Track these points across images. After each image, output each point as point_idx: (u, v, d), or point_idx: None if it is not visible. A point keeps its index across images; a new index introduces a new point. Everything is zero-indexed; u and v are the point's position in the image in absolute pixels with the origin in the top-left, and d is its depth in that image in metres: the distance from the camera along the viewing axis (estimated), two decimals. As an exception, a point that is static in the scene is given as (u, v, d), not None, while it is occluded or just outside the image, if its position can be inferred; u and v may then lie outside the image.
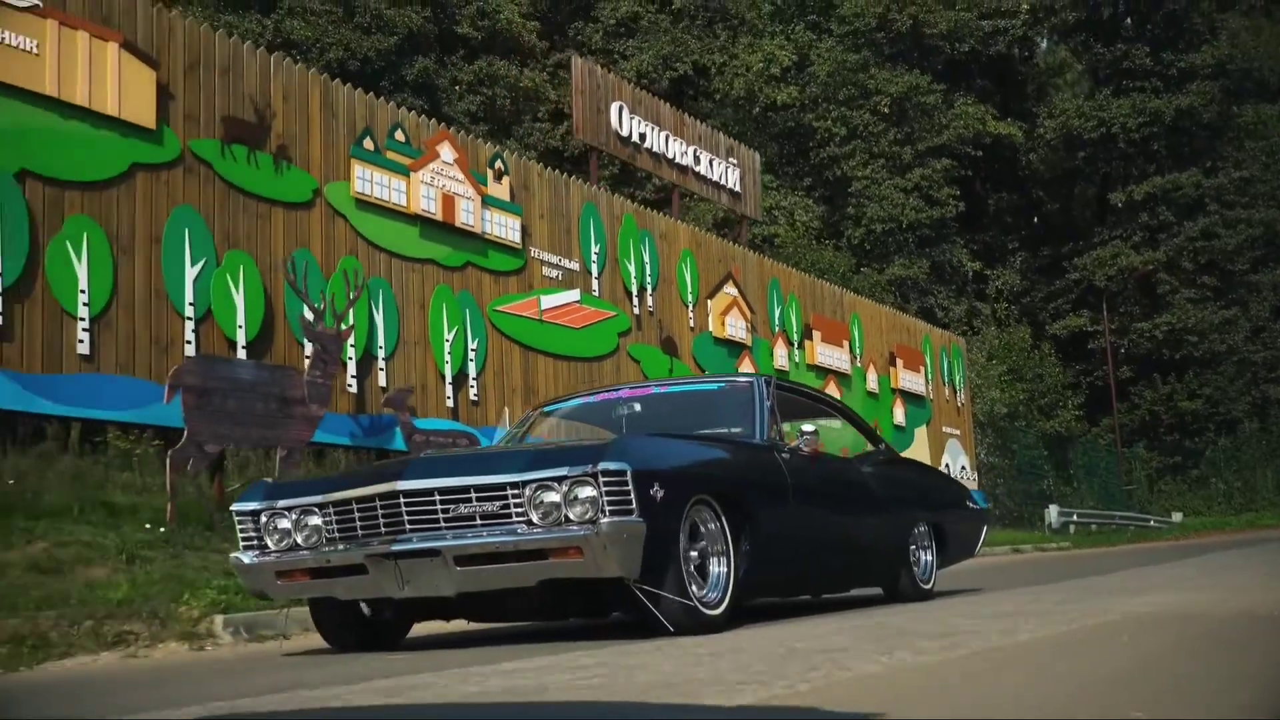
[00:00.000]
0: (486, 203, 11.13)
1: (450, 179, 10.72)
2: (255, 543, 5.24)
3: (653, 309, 13.46)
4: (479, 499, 4.71)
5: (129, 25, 8.30)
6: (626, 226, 13.24)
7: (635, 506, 4.55)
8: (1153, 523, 30.66)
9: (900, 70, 33.16)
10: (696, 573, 5.05)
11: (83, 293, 7.79)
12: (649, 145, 14.13)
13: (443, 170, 10.65)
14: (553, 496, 4.62)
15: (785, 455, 5.96)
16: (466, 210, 10.87)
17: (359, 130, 10.00)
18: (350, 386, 9.58)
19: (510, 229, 11.44)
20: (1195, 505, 34.94)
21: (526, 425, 7.05)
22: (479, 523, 4.71)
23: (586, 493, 4.58)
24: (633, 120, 13.81)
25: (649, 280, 13.44)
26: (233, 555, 5.37)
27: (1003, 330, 32.53)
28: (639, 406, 6.60)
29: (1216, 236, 37.00)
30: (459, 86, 30.15)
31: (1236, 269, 37.46)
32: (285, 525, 5.17)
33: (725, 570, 5.17)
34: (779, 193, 31.42)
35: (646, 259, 13.44)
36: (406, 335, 10.22)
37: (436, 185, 10.57)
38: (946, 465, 20.30)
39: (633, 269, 13.20)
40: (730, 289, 14.87)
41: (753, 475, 5.69)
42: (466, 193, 10.89)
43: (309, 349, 9.10)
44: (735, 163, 15.96)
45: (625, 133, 13.69)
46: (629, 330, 13.00)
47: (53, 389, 7.55)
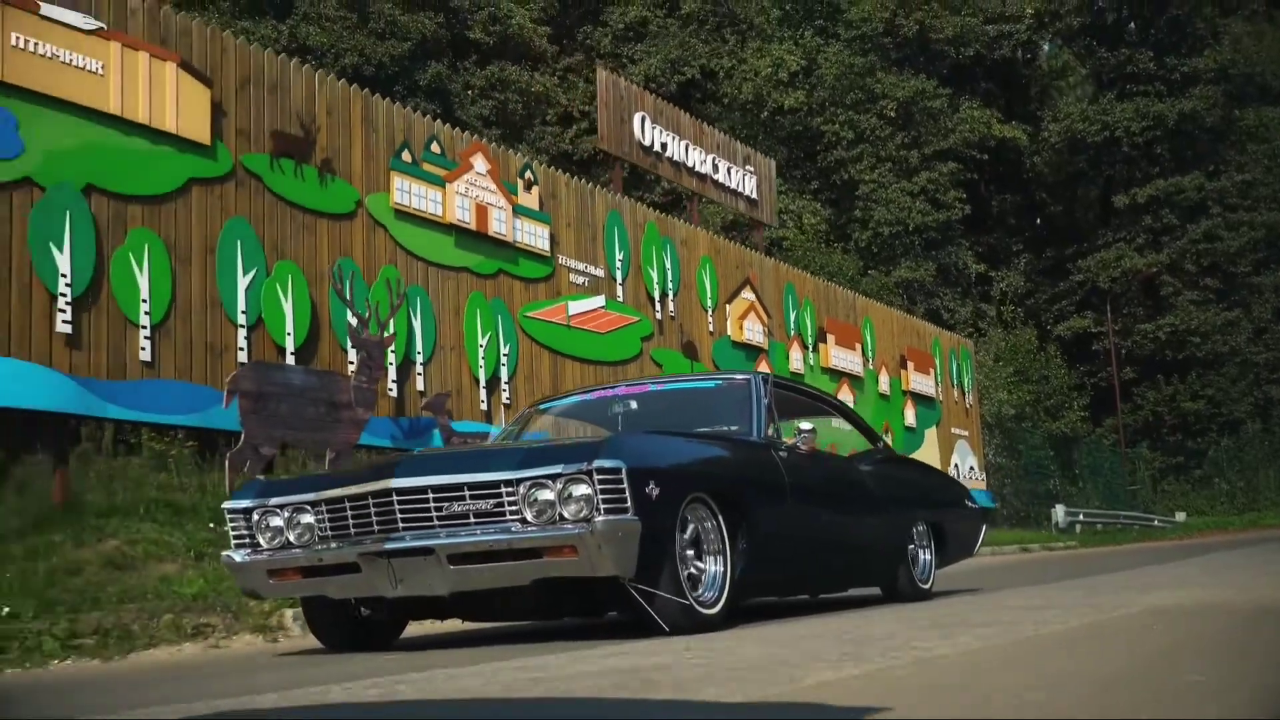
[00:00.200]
0: (517, 212, 11.49)
1: (483, 189, 11.08)
2: (247, 541, 5.20)
3: (674, 314, 13.83)
4: (472, 497, 4.67)
5: (185, 46, 8.67)
6: (649, 234, 13.61)
7: (630, 505, 4.51)
8: (1156, 522, 31.05)
9: (907, 75, 33.53)
10: (692, 572, 5.01)
11: (144, 302, 8.15)
12: (670, 154, 14.50)
13: (476, 181, 11.01)
14: (547, 494, 4.58)
15: (783, 453, 5.92)
16: (498, 219, 11.24)
17: (397, 143, 10.36)
18: (391, 391, 9.95)
19: (539, 237, 11.80)
20: (1198, 505, 35.32)
21: (523, 423, 7.03)
22: (473, 521, 4.66)
23: (581, 491, 4.53)
24: (654, 130, 14.17)
25: (670, 286, 13.81)
26: (224, 554, 5.33)
27: (1009, 332, 32.93)
28: (635, 404, 6.55)
29: (1219, 239, 37.38)
30: (471, 91, 30.51)
31: (1239, 271, 37.85)
32: (277, 523, 5.13)
33: (721, 569, 5.13)
34: (787, 196, 31.77)
35: (668, 265, 13.81)
36: (443, 341, 10.58)
37: (470, 196, 10.93)
38: (955, 466, 20.67)
39: (655, 275, 13.57)
40: (748, 294, 15.23)
41: (750, 473, 5.64)
42: (498, 202, 11.26)
43: (353, 355, 9.49)
44: (752, 170, 16.33)
45: (647, 142, 14.05)
46: (651, 335, 13.36)
47: (117, 394, 7.91)
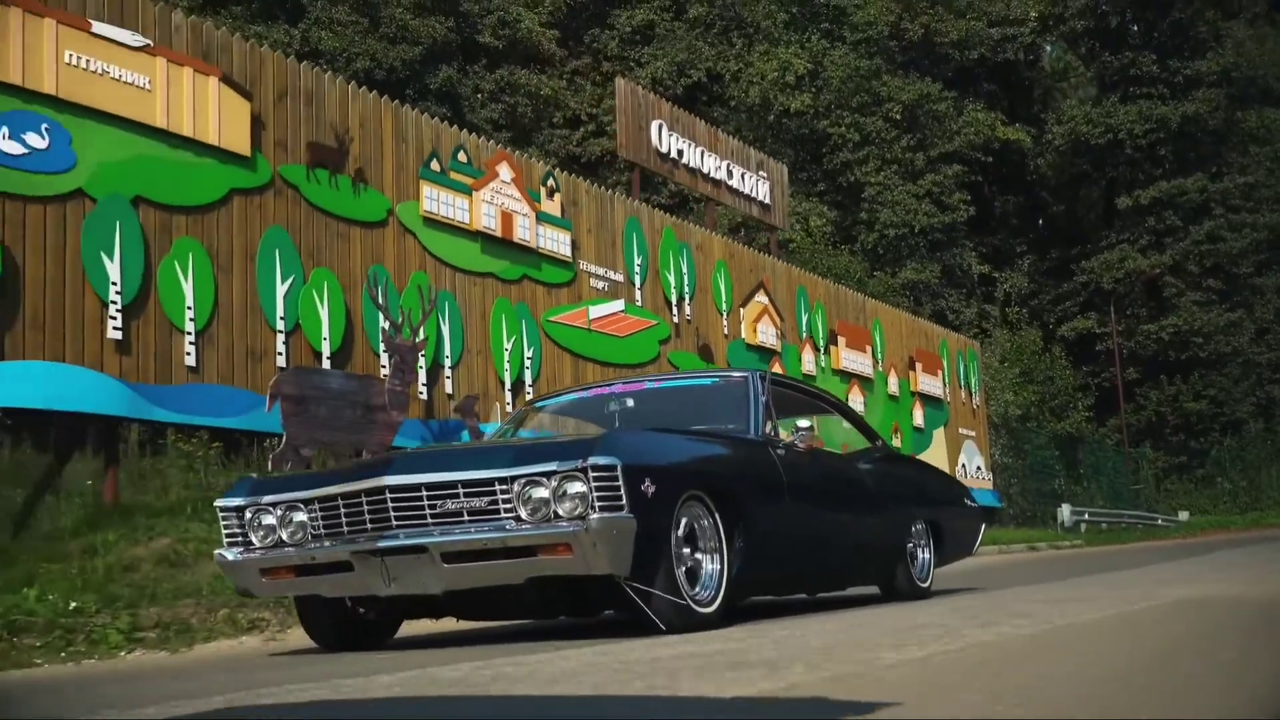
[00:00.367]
0: (540, 219, 11.78)
1: (508, 197, 11.37)
2: (239, 539, 5.15)
3: (690, 317, 14.11)
4: (466, 494, 4.63)
5: (226, 60, 8.96)
6: (666, 239, 13.89)
7: (626, 502, 4.46)
8: (1160, 521, 31.32)
9: (912, 78, 33.80)
10: (689, 570, 4.97)
11: (189, 309, 8.44)
12: (685, 160, 14.79)
13: (501, 189, 11.30)
14: (542, 492, 4.53)
15: (780, 451, 5.88)
16: (523, 226, 11.52)
17: (426, 153, 10.65)
18: (421, 394, 10.23)
19: (561, 243, 12.09)
20: (1201, 504, 35.59)
21: (518, 420, 6.99)
22: (466, 519, 4.61)
23: (576, 488, 4.49)
24: (671, 137, 14.47)
25: (687, 290, 14.10)
26: (216, 552, 5.29)
27: (1015, 333, 33.21)
28: (632, 402, 6.51)
29: (1222, 240, 37.65)
30: (481, 94, 30.81)
31: (1241, 272, 38.12)
32: (270, 521, 5.08)
33: (718, 568, 5.09)
34: (794, 199, 32.05)
35: (684, 269, 14.10)
36: (470, 345, 10.87)
37: (496, 203, 11.22)
38: (963, 466, 20.96)
39: (672, 279, 13.85)
40: (761, 297, 15.52)
41: (747, 471, 5.60)
42: (522, 209, 11.54)
43: (384, 359, 9.78)
44: (765, 175, 16.62)
45: (664, 149, 14.34)
46: (669, 338, 13.65)
47: (164, 397, 8.20)
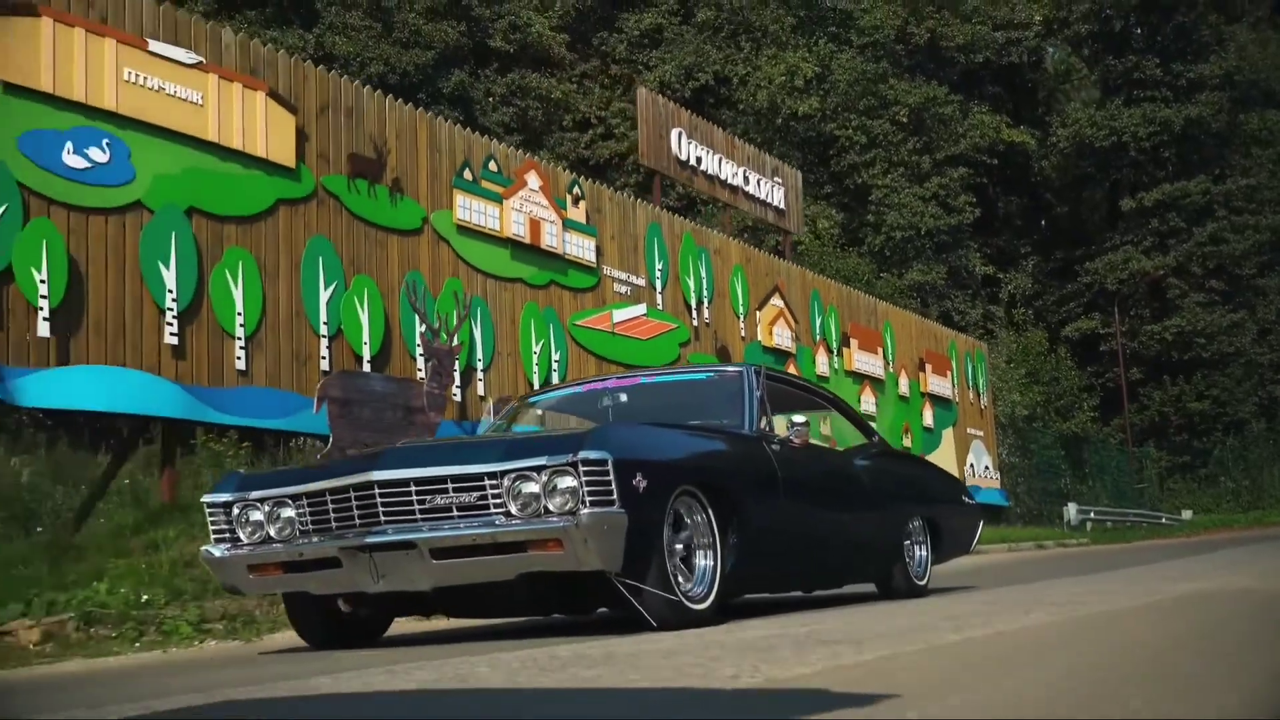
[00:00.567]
0: (566, 226, 12.13)
1: (536, 204, 11.72)
2: (227, 535, 5.10)
3: (709, 321, 14.46)
4: (456, 489, 4.57)
5: (272, 75, 9.31)
6: (686, 244, 14.25)
7: (617, 497, 4.41)
8: (1164, 520, 31.68)
9: (918, 81, 34.16)
10: (682, 566, 4.92)
11: (239, 315, 8.79)
12: (704, 168, 15.14)
13: (530, 197, 11.65)
14: (532, 487, 4.48)
15: (775, 446, 5.82)
16: (550, 233, 11.88)
17: (459, 162, 11.00)
18: (455, 396, 10.58)
19: (587, 249, 12.44)
20: (1204, 503, 35.97)
21: (511, 416, 6.91)
22: (456, 514, 4.56)
23: (566, 483, 4.44)
24: (690, 144, 14.82)
25: (705, 294, 14.45)
26: (203, 549, 5.24)
27: (1020, 334, 33.60)
28: (625, 397, 6.48)
29: (1225, 242, 38.01)
30: (492, 98, 31.18)
31: (1244, 273, 38.50)
32: (258, 517, 5.03)
33: (712, 564, 5.04)
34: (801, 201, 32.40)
35: (703, 274, 14.45)
36: (501, 348, 11.22)
37: (525, 211, 11.57)
38: (971, 465, 21.31)
39: (691, 284, 14.20)
40: (777, 301, 15.87)
41: (740, 466, 5.56)
42: (550, 217, 11.89)
43: (420, 362, 10.13)
44: (780, 181, 16.98)
45: (684, 157, 14.70)
46: (689, 341, 13.99)
47: (217, 400, 8.55)
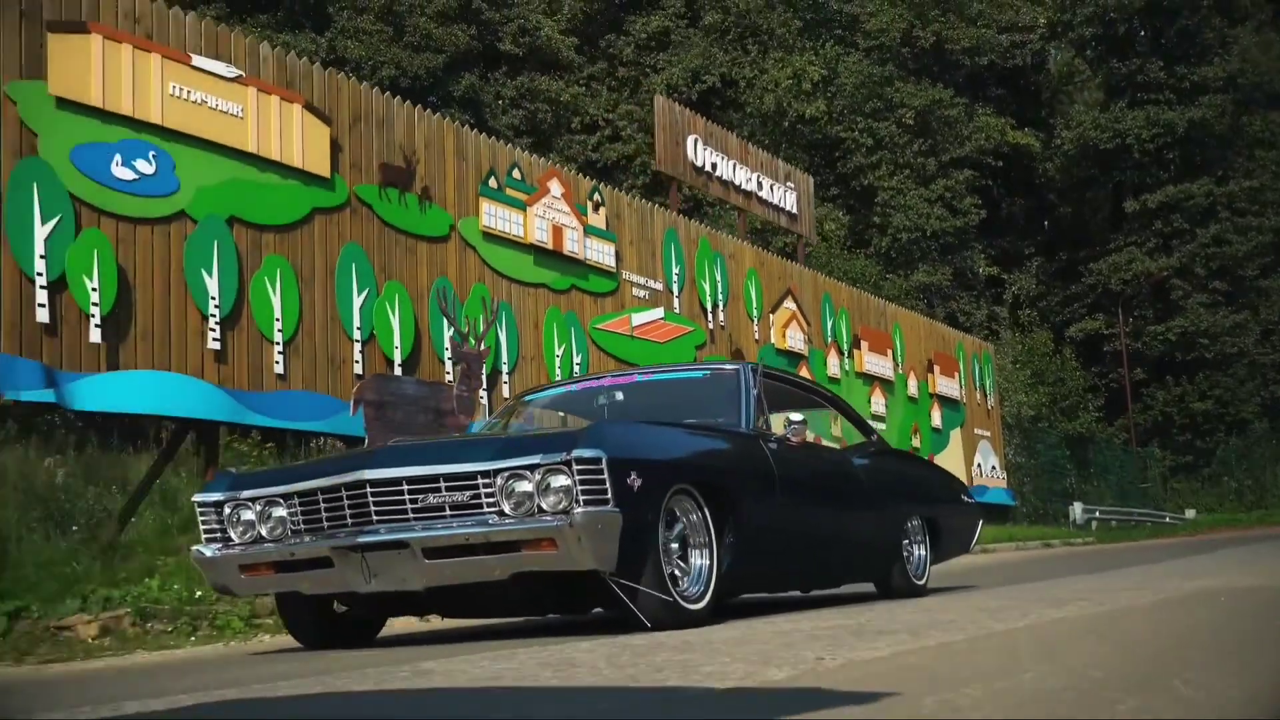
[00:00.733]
0: (587, 232, 12.41)
1: (558, 211, 12.01)
2: (218, 535, 5.06)
3: (724, 324, 14.75)
4: (448, 488, 4.53)
5: (307, 88, 9.59)
6: (702, 249, 14.54)
7: (611, 496, 4.37)
8: (1168, 519, 31.98)
9: (924, 84, 34.45)
10: (677, 566, 4.88)
11: (277, 320, 9.07)
12: (719, 174, 15.43)
13: (552, 204, 11.94)
14: (525, 486, 4.44)
15: (772, 445, 5.77)
16: (572, 239, 12.16)
17: (484, 171, 11.28)
18: (482, 398, 10.87)
19: (606, 254, 12.72)
20: (1208, 502, 36.27)
21: (507, 415, 6.85)
22: (449, 513, 4.51)
23: (560, 482, 4.40)
24: (705, 151, 15.11)
25: (720, 297, 14.73)
26: (194, 548, 5.21)
27: (1026, 335, 33.92)
28: (621, 395, 6.43)
29: (1228, 243, 38.30)
30: (502, 101, 31.51)
31: (1247, 274, 38.80)
32: (249, 517, 5.00)
33: (707, 563, 5.00)
34: (810, 203, 32.69)
35: (718, 278, 14.73)
36: (525, 352, 11.50)
37: (547, 218, 11.85)
38: (978, 465, 21.59)
39: (707, 288, 14.49)
40: (789, 304, 16.16)
41: (737, 465, 5.51)
42: (571, 223, 12.18)
43: (449, 365, 10.42)
44: (792, 186, 17.27)
45: (699, 163, 14.99)
46: (704, 344, 14.28)
47: (257, 403, 8.84)
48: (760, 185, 16.41)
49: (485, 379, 10.89)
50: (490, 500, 4.48)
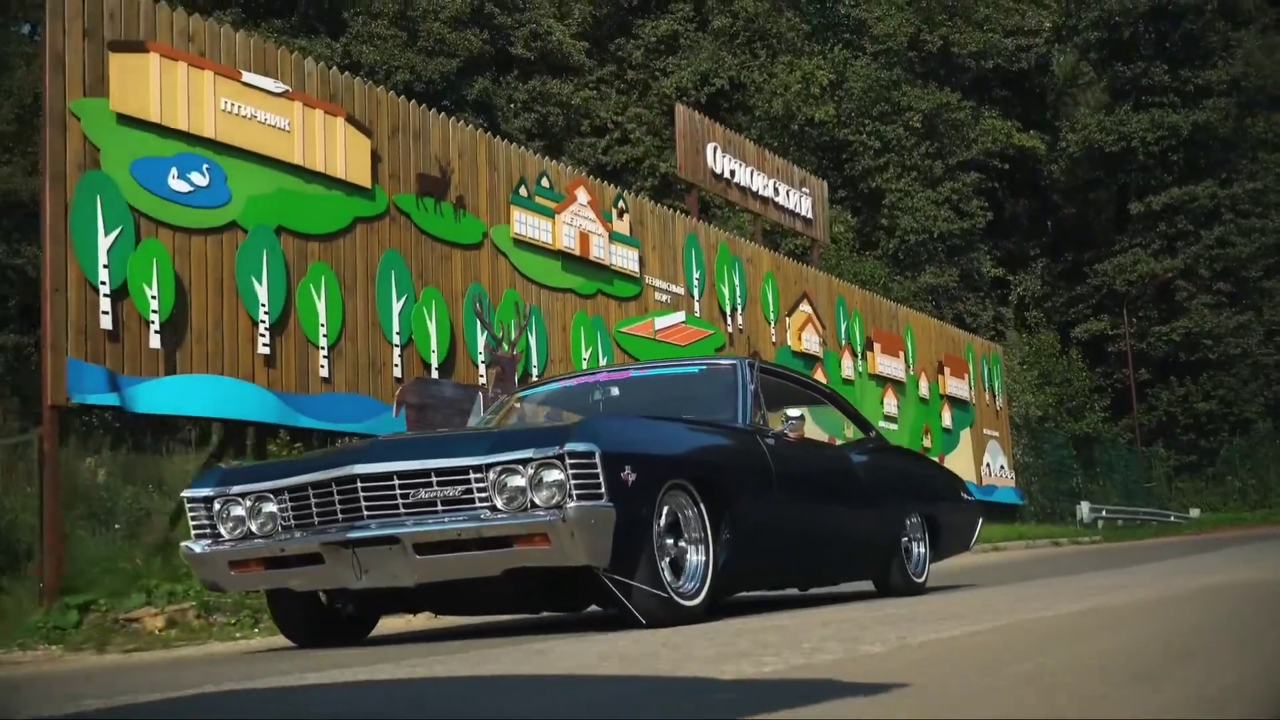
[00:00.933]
0: (612, 238, 12.77)
1: (585, 219, 12.36)
2: (208, 531, 5.00)
3: (742, 327, 15.10)
4: (440, 483, 4.48)
5: (349, 102, 9.95)
6: (721, 254, 14.89)
7: (604, 491, 4.32)
8: (1173, 518, 32.32)
9: (931, 88, 34.78)
10: (672, 562, 4.82)
11: (322, 326, 9.43)
12: (737, 180, 15.79)
13: (579, 212, 12.29)
14: (518, 480, 4.40)
15: (769, 441, 5.73)
16: (598, 245, 12.52)
17: (515, 180, 11.63)
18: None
19: (630, 260, 13.08)
20: (1212, 502, 36.58)
21: (501, 411, 6.80)
22: (440, 508, 4.47)
23: (553, 476, 4.35)
24: (724, 158, 15.47)
25: (739, 301, 15.08)
26: (183, 544, 5.15)
27: (1032, 336, 34.27)
28: (617, 391, 6.39)
29: (1231, 245, 38.61)
30: (514, 104, 31.84)
31: (1251, 276, 39.12)
32: (239, 513, 4.94)
33: (703, 560, 4.94)
34: (817, 205, 33.01)
35: (737, 282, 15.09)
36: (553, 355, 11.85)
37: (575, 225, 12.21)
38: (987, 465, 21.94)
39: (726, 292, 14.84)
40: (805, 307, 16.50)
41: (733, 460, 5.48)
42: (597, 230, 12.53)
43: (482, 369, 10.77)
44: (807, 191, 17.62)
45: (719, 170, 15.35)
46: (724, 346, 14.62)
47: (304, 406, 9.19)
48: (776, 191, 16.77)
49: (518, 382, 11.24)
50: (482, 495, 4.44)
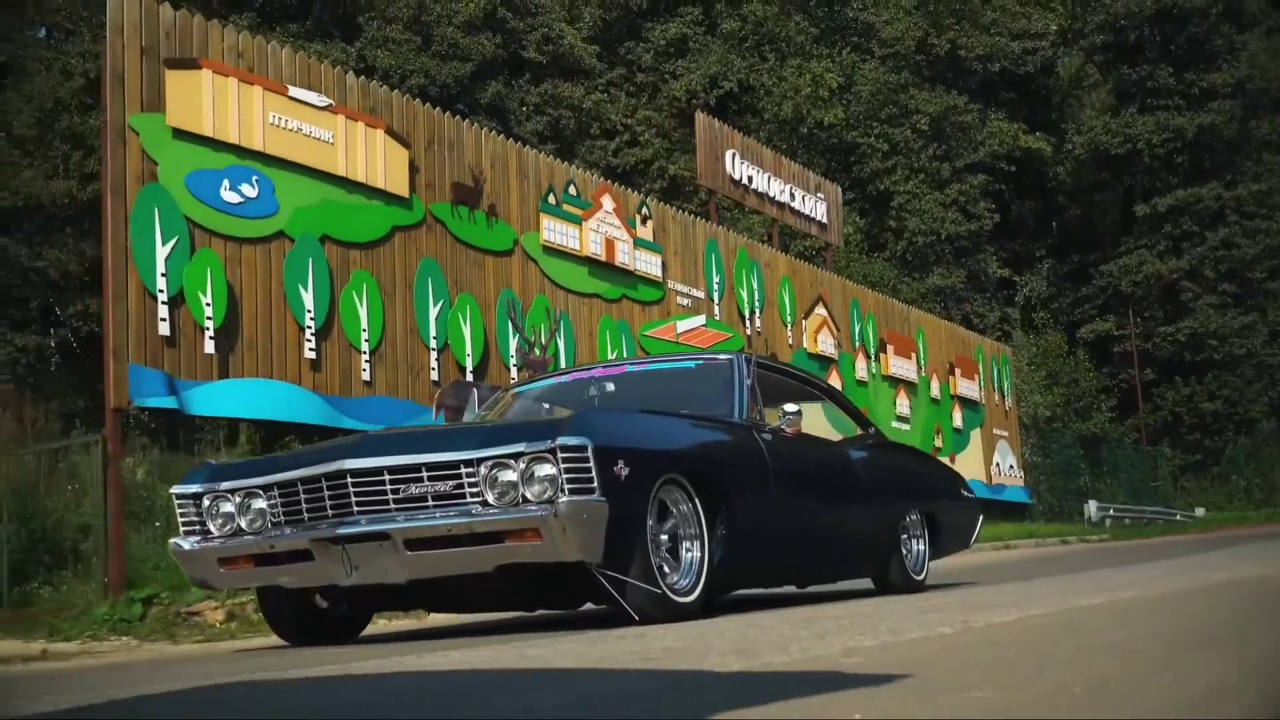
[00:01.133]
0: (636, 244, 13.11)
1: (610, 225, 12.71)
2: (197, 528, 4.95)
3: (760, 329, 15.44)
4: (431, 478, 4.43)
5: (388, 114, 10.30)
6: (740, 259, 15.23)
7: (597, 485, 4.27)
8: (1179, 517, 32.65)
9: (939, 91, 35.10)
10: (667, 558, 4.78)
11: (364, 331, 9.78)
12: (755, 186, 16.13)
13: (605, 219, 12.64)
14: (509, 475, 4.34)
15: (766, 436, 5.68)
16: (623, 251, 12.86)
17: (544, 188, 11.98)
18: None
19: (653, 265, 13.42)
20: (1217, 501, 36.89)
21: (496, 407, 6.74)
22: (431, 504, 4.42)
23: (545, 470, 4.30)
24: (742, 165, 15.81)
25: (757, 304, 15.43)
26: (171, 541, 5.11)
27: (1040, 336, 34.61)
28: (612, 386, 6.36)
29: (1236, 246, 38.93)
30: (526, 108, 32.17)
31: (1255, 277, 39.44)
32: (229, 509, 4.89)
33: (699, 556, 4.89)
34: (825, 207, 33.34)
35: (755, 286, 15.43)
36: (580, 358, 12.18)
37: (601, 231, 12.56)
38: (996, 464, 22.28)
39: (745, 295, 15.19)
40: (821, 310, 16.85)
41: (729, 455, 5.42)
42: (622, 236, 12.88)
43: (514, 372, 11.11)
44: (822, 196, 17.96)
45: (737, 176, 15.69)
46: (742, 348, 14.96)
47: (348, 408, 9.54)
48: (792, 196, 17.11)
49: (547, 384, 11.58)
50: (474, 490, 4.38)
